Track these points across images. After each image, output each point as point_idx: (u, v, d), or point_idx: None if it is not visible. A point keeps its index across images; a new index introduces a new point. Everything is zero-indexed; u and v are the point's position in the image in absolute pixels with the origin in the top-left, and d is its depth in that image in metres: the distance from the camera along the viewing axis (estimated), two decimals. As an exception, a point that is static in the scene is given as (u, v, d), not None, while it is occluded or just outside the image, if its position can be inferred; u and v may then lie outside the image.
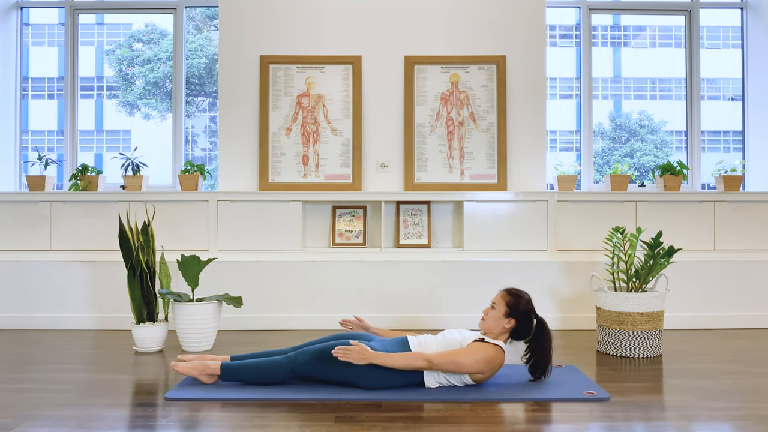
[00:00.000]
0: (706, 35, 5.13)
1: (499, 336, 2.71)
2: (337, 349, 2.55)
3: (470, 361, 2.58)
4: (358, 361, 2.54)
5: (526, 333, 2.72)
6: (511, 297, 2.73)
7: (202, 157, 6.07)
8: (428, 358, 2.57)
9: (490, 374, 2.66)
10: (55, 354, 3.39)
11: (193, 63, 5.50)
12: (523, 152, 4.44)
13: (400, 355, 2.60)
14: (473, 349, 2.61)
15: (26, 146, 5.02)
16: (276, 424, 2.24)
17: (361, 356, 2.55)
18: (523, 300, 2.73)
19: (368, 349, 2.56)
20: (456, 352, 2.60)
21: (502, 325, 2.70)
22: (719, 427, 2.27)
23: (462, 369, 2.58)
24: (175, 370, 2.72)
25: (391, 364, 2.56)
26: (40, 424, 2.24)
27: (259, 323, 4.04)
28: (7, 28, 4.82)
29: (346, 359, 2.54)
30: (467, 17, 4.46)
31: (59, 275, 4.08)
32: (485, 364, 2.59)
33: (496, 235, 4.18)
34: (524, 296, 2.75)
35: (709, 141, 5.38)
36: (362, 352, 2.55)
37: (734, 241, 4.25)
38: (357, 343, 2.59)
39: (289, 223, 4.18)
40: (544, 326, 2.73)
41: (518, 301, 2.71)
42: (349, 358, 2.54)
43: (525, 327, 2.71)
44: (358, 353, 2.55)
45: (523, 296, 2.74)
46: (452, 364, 2.57)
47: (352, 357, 2.54)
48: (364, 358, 2.55)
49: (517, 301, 2.71)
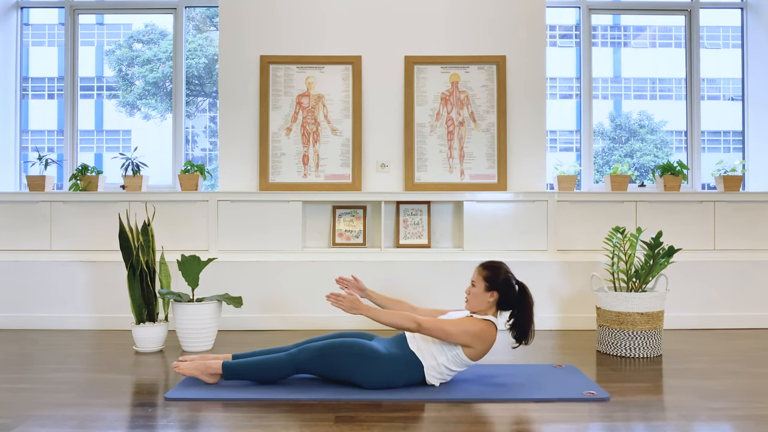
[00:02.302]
0: (706, 35, 5.13)
1: (487, 311, 2.71)
2: (330, 295, 2.65)
3: (458, 331, 2.59)
4: (348, 311, 2.62)
5: (512, 301, 2.71)
6: (488, 270, 2.72)
7: (202, 157, 6.07)
8: (419, 321, 2.60)
9: (483, 348, 2.64)
10: (55, 354, 3.38)
11: (193, 63, 5.50)
12: (523, 152, 4.44)
13: (392, 313, 2.66)
14: (463, 321, 2.64)
15: (26, 146, 5.02)
16: (276, 424, 2.24)
17: (352, 306, 2.63)
18: (501, 270, 2.72)
19: (359, 301, 2.66)
20: (445, 321, 2.63)
21: (486, 300, 2.70)
22: (719, 427, 2.27)
23: (449, 338, 2.59)
24: (177, 370, 2.72)
25: (380, 320, 2.62)
26: (40, 424, 2.24)
27: (259, 323, 4.04)
28: (7, 28, 4.82)
29: (337, 306, 2.63)
30: (467, 17, 4.46)
31: (59, 275, 4.08)
32: (473, 337, 2.59)
33: (496, 235, 4.18)
34: (501, 266, 2.73)
35: (709, 141, 5.38)
36: (354, 302, 2.64)
37: (734, 241, 4.25)
38: (350, 293, 2.69)
39: (289, 223, 4.18)
40: (525, 290, 2.72)
41: (496, 272, 2.70)
42: (341, 306, 2.63)
43: (509, 296, 2.70)
44: (350, 302, 2.63)
45: (500, 267, 2.73)
46: (440, 331, 2.59)
47: (343, 305, 2.63)
48: (355, 308, 2.63)
49: (494, 273, 2.70)
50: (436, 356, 2.63)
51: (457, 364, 2.65)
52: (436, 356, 2.63)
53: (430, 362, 2.63)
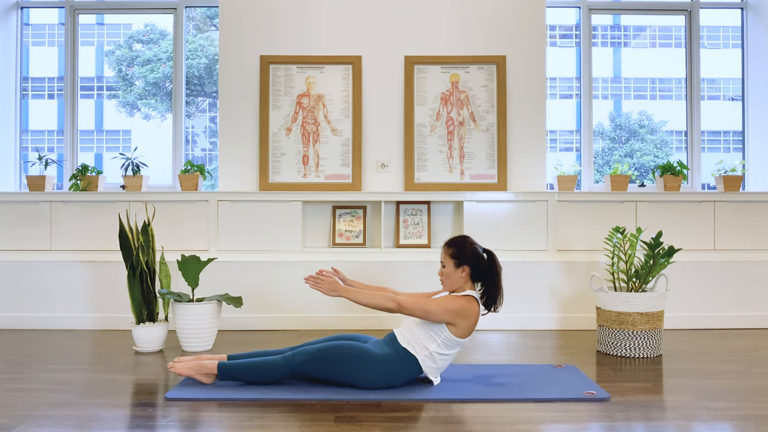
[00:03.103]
0: (706, 35, 5.13)
1: (464, 287, 2.71)
2: (309, 277, 2.64)
3: (439, 309, 2.59)
4: (327, 293, 2.62)
5: (484, 270, 2.70)
6: (453, 247, 2.71)
7: (202, 157, 6.07)
8: (398, 301, 2.60)
9: (467, 324, 2.63)
10: (55, 354, 3.38)
11: (193, 63, 5.50)
12: (523, 152, 4.44)
13: (372, 294, 2.65)
14: (443, 300, 2.64)
15: (26, 146, 5.02)
16: (276, 424, 2.24)
17: (332, 287, 2.63)
18: (466, 244, 2.71)
19: (339, 283, 2.65)
20: (426, 300, 2.64)
21: (459, 277, 2.70)
22: (719, 427, 2.27)
23: (430, 317, 2.59)
24: (172, 370, 2.72)
25: (360, 301, 2.62)
26: (40, 424, 2.24)
27: (259, 323, 4.04)
28: (7, 28, 4.82)
29: (316, 288, 2.63)
30: (467, 17, 4.46)
31: (59, 275, 4.08)
32: (455, 314, 2.59)
33: (496, 235, 4.18)
34: (465, 240, 2.73)
35: (709, 141, 5.38)
36: (333, 284, 2.64)
37: (734, 241, 4.25)
38: (329, 274, 2.68)
39: (289, 223, 4.18)
40: (493, 257, 2.72)
41: (461, 247, 2.70)
42: (320, 289, 2.63)
43: (480, 266, 2.70)
44: (329, 284, 2.63)
45: (464, 240, 2.73)
46: (421, 310, 2.59)
47: (322, 287, 2.63)
48: (335, 290, 2.63)
49: (460, 248, 2.70)
50: (428, 346, 2.62)
51: (449, 346, 2.64)
52: (428, 346, 2.62)
53: (423, 354, 2.62)
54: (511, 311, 4.07)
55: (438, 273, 2.77)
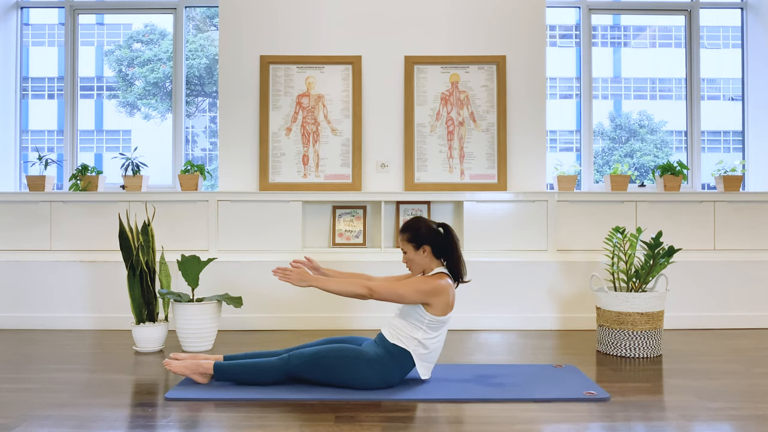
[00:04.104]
0: (706, 35, 5.13)
1: (431, 267, 2.70)
2: (277, 269, 2.63)
3: (410, 291, 2.58)
4: (297, 283, 2.61)
5: (444, 245, 2.70)
6: (408, 231, 2.71)
7: (202, 157, 6.07)
8: (369, 286, 2.60)
9: (443, 301, 2.61)
10: (55, 354, 3.38)
11: (194, 63, 5.50)
12: (523, 152, 4.44)
13: (342, 281, 2.66)
14: (413, 281, 2.64)
15: (26, 146, 5.02)
16: (276, 424, 2.24)
17: (301, 277, 2.62)
18: (420, 224, 2.71)
19: (308, 273, 2.64)
20: (397, 284, 2.64)
21: (422, 259, 2.70)
22: (719, 427, 2.27)
23: (403, 299, 2.59)
24: (168, 368, 2.72)
25: (330, 289, 2.61)
26: (40, 424, 2.24)
27: (259, 323, 4.04)
28: (7, 28, 4.82)
29: (285, 280, 2.62)
30: (467, 17, 4.46)
31: (59, 275, 4.08)
32: (427, 294, 2.59)
33: (496, 235, 4.18)
34: (418, 221, 2.73)
35: (709, 141, 5.38)
36: (302, 274, 2.63)
37: (734, 241, 4.25)
38: (297, 265, 2.67)
39: (289, 223, 4.18)
40: (448, 230, 2.72)
41: (416, 229, 2.70)
42: (289, 280, 2.62)
43: (439, 242, 2.69)
44: (298, 275, 2.62)
45: (417, 222, 2.73)
46: (393, 294, 2.59)
47: (292, 278, 2.62)
48: (304, 279, 2.62)
49: (415, 230, 2.70)
50: (414, 335, 2.61)
51: (434, 328, 2.63)
52: (414, 335, 2.61)
53: (414, 345, 2.61)
54: (511, 311, 4.07)
55: (402, 261, 2.76)
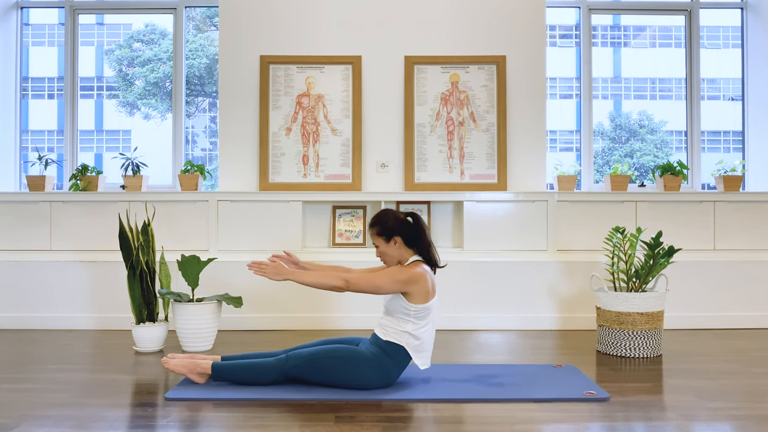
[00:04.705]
0: (706, 35, 5.13)
1: (405, 256, 2.70)
2: (253, 263, 2.65)
3: (387, 281, 2.58)
4: (273, 277, 2.62)
5: (414, 234, 2.69)
6: (377, 225, 2.71)
7: (202, 157, 6.07)
8: (346, 278, 2.60)
9: (422, 288, 2.60)
10: (55, 354, 3.39)
11: (194, 63, 5.50)
12: (523, 152, 4.44)
13: (318, 274, 2.66)
14: (390, 271, 2.64)
15: (26, 146, 5.02)
16: (276, 424, 2.24)
17: (277, 272, 2.63)
18: (387, 217, 2.70)
19: (284, 266, 2.66)
20: (374, 275, 2.64)
21: (395, 250, 2.69)
22: (719, 427, 2.27)
23: (381, 290, 2.59)
24: (166, 366, 2.72)
25: (307, 282, 2.62)
26: (40, 424, 2.24)
27: (259, 323, 4.04)
28: (7, 28, 4.82)
29: (261, 275, 2.63)
30: (467, 17, 4.46)
31: (59, 275, 4.08)
32: (404, 283, 2.58)
33: (496, 235, 4.18)
34: (385, 214, 2.73)
35: (709, 141, 5.38)
36: (278, 268, 2.64)
37: (734, 241, 4.25)
38: (274, 260, 2.69)
39: (289, 223, 4.18)
40: (417, 219, 2.71)
41: (384, 221, 2.70)
42: (265, 274, 2.62)
43: (409, 231, 2.68)
44: (273, 268, 2.63)
45: (384, 215, 2.72)
46: (370, 285, 2.60)
47: (268, 273, 2.63)
48: (280, 273, 2.63)
49: (383, 223, 2.69)
50: (404, 328, 2.61)
51: (421, 317, 2.62)
52: (404, 328, 2.61)
53: (407, 339, 2.61)
54: (511, 311, 4.07)
55: (376, 256, 2.75)
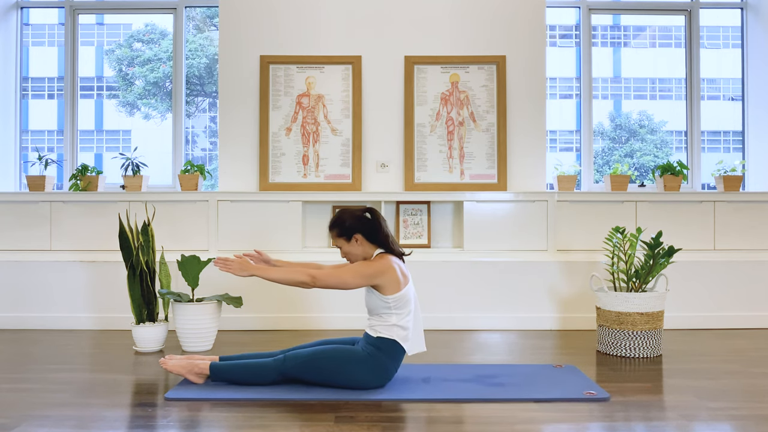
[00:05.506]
0: (706, 35, 5.13)
1: (368, 252, 2.71)
2: (218, 259, 2.67)
3: (353, 276, 2.60)
4: (239, 273, 2.63)
5: (372, 231, 2.69)
6: (335, 227, 2.72)
7: (202, 157, 6.08)
8: (312, 274, 2.62)
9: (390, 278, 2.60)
10: (55, 354, 3.39)
11: (194, 63, 5.50)
12: (523, 152, 4.44)
13: (284, 270, 2.68)
14: (355, 265, 2.66)
15: (26, 146, 5.02)
16: (276, 424, 2.24)
17: (242, 267, 2.64)
18: (345, 217, 2.71)
19: (249, 262, 2.67)
20: (340, 271, 2.66)
21: (358, 248, 2.70)
22: (719, 427, 2.27)
23: (347, 285, 2.61)
24: (164, 367, 2.72)
25: (272, 278, 2.63)
26: (40, 424, 2.24)
27: (259, 323, 4.04)
28: (7, 28, 4.82)
29: (226, 270, 2.64)
30: (467, 17, 4.46)
31: (59, 275, 4.08)
32: (371, 276, 2.59)
33: (496, 235, 4.18)
34: (341, 214, 2.73)
35: (709, 141, 5.38)
36: (243, 264, 2.65)
37: (734, 241, 4.25)
38: (239, 256, 2.70)
39: (289, 223, 4.18)
40: (374, 213, 2.72)
41: (341, 222, 2.71)
42: (230, 270, 2.64)
43: (368, 226, 2.69)
44: (239, 264, 2.65)
45: (341, 215, 2.73)
46: (337, 279, 2.61)
47: (233, 268, 2.64)
48: (245, 269, 2.64)
49: (340, 224, 2.71)
50: (391, 321, 2.60)
51: (401, 305, 2.62)
52: (391, 321, 2.60)
53: (395, 331, 2.60)
54: (511, 311, 4.07)
55: (342, 257, 2.77)
